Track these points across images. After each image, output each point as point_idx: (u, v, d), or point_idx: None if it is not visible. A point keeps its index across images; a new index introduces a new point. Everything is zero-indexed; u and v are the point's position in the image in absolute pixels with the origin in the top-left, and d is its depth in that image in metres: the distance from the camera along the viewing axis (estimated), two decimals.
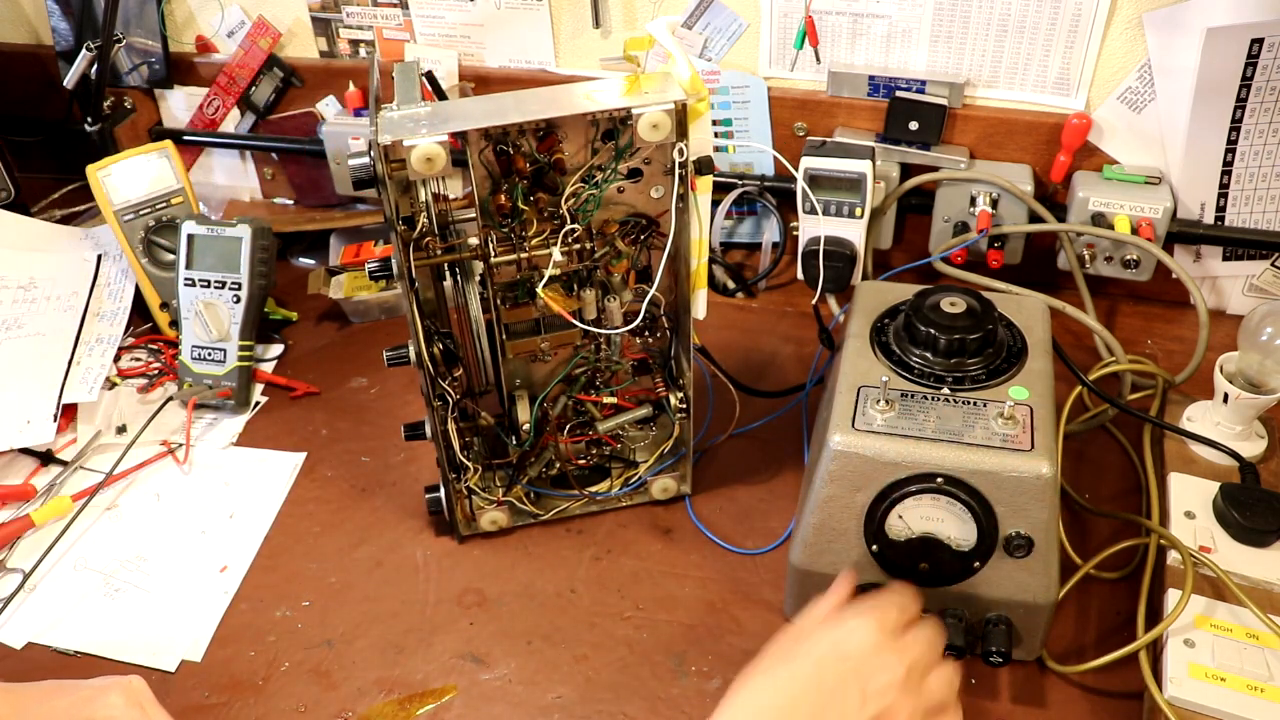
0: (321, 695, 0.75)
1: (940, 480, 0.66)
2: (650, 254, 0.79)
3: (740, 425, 0.94)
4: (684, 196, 0.73)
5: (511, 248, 0.74)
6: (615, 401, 0.85)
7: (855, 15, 1.03)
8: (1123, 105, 0.99)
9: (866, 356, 0.74)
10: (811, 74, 1.08)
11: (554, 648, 0.77)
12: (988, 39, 1.00)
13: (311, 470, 0.95)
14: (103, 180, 1.06)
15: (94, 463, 0.96)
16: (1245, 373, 0.82)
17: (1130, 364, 0.92)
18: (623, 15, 1.10)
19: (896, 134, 1.04)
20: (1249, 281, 1.05)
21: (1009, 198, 1.02)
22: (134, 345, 1.10)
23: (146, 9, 1.23)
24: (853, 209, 0.97)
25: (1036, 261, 1.06)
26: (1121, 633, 0.75)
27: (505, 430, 0.84)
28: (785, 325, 1.10)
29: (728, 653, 0.76)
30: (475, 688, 0.75)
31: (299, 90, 1.24)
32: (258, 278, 1.03)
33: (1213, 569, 0.72)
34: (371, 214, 1.23)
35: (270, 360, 1.08)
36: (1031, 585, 0.68)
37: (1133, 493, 0.87)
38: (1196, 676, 0.66)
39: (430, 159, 0.66)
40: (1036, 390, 0.70)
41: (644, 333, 0.83)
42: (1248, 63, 0.92)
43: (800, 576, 0.73)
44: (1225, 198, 1.00)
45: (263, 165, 1.31)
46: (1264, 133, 0.96)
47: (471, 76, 1.18)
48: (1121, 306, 1.08)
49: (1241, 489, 0.77)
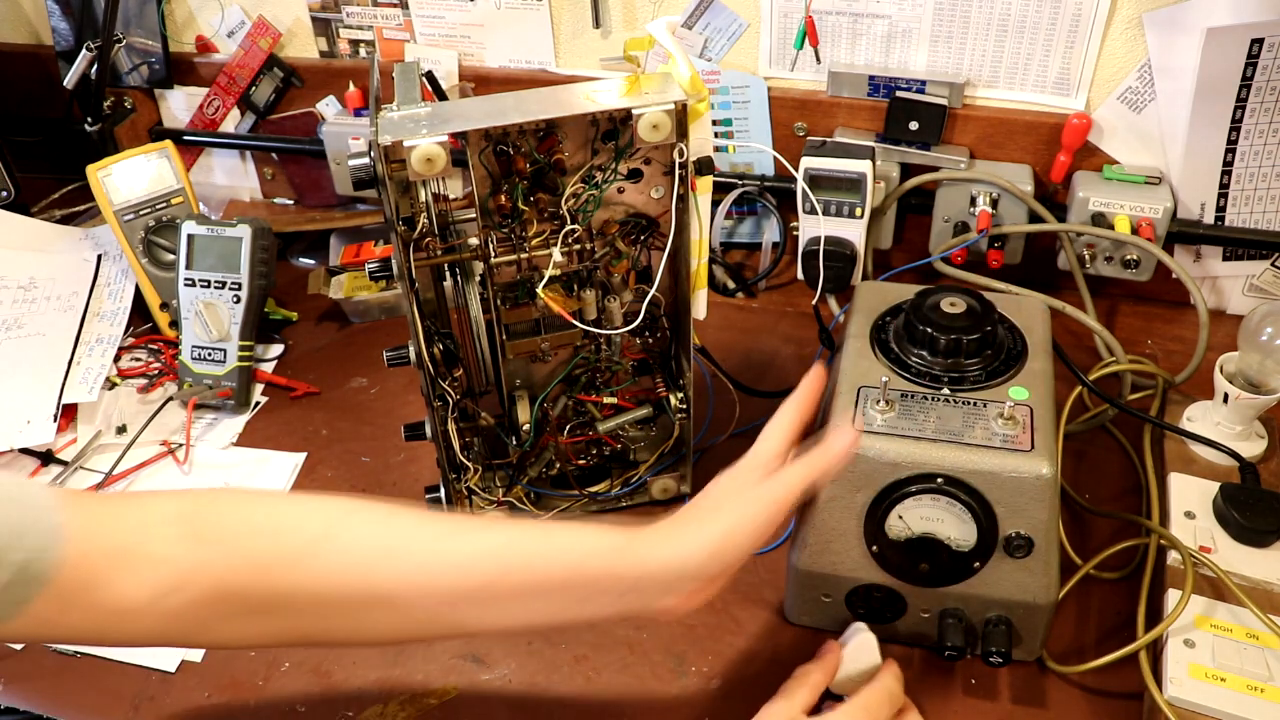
0: (321, 695, 0.75)
1: (940, 480, 0.66)
2: (650, 254, 0.79)
3: (740, 425, 0.94)
4: (684, 196, 0.73)
5: (511, 248, 0.74)
6: (615, 402, 0.85)
7: (855, 15, 1.03)
8: (1123, 105, 0.99)
9: (866, 357, 0.74)
10: (811, 74, 1.08)
11: (554, 648, 0.77)
12: (988, 39, 1.00)
13: (312, 470, 0.95)
14: (103, 180, 1.06)
15: (94, 463, 0.96)
16: (1245, 373, 0.82)
17: (1130, 364, 0.92)
18: (623, 15, 1.10)
19: (896, 134, 1.04)
20: (1249, 281, 1.05)
21: (1009, 198, 1.02)
22: (134, 345, 1.10)
23: (146, 9, 1.23)
24: (853, 209, 0.97)
25: (1036, 261, 1.06)
26: (1121, 633, 0.75)
27: (505, 430, 0.84)
28: (785, 325, 1.10)
29: (728, 653, 0.76)
30: (475, 688, 0.75)
31: (299, 90, 1.24)
32: (258, 278, 1.03)
33: (1213, 569, 0.72)
34: (371, 214, 1.23)
35: (270, 360, 1.08)
36: (1031, 585, 0.68)
37: (1133, 493, 0.87)
38: (1196, 676, 0.66)
39: (430, 159, 0.66)
40: (1036, 390, 0.70)
41: (644, 333, 0.83)
42: (1248, 63, 0.92)
43: (800, 577, 0.73)
44: (1225, 198, 1.00)
45: (263, 165, 1.31)
46: (1264, 133, 0.96)
47: (471, 76, 1.18)
48: (1121, 306, 1.08)
49: (1241, 489, 0.77)
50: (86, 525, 0.58)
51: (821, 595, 0.74)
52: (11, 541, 0.54)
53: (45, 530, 0.56)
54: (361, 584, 0.60)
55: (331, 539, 0.61)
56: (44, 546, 0.55)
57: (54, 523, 0.56)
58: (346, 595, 0.60)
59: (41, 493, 0.58)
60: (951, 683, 0.73)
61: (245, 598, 0.59)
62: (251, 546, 0.60)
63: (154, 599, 0.58)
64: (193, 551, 0.59)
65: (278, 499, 0.65)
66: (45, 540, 0.55)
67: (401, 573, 0.61)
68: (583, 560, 0.61)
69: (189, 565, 0.59)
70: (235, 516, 0.62)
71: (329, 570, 0.60)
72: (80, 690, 0.76)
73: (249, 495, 0.64)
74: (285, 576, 0.60)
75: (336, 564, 0.60)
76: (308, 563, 0.60)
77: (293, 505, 0.64)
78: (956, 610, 0.71)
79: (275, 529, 0.61)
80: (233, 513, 0.62)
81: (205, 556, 0.59)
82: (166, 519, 0.60)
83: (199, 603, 0.59)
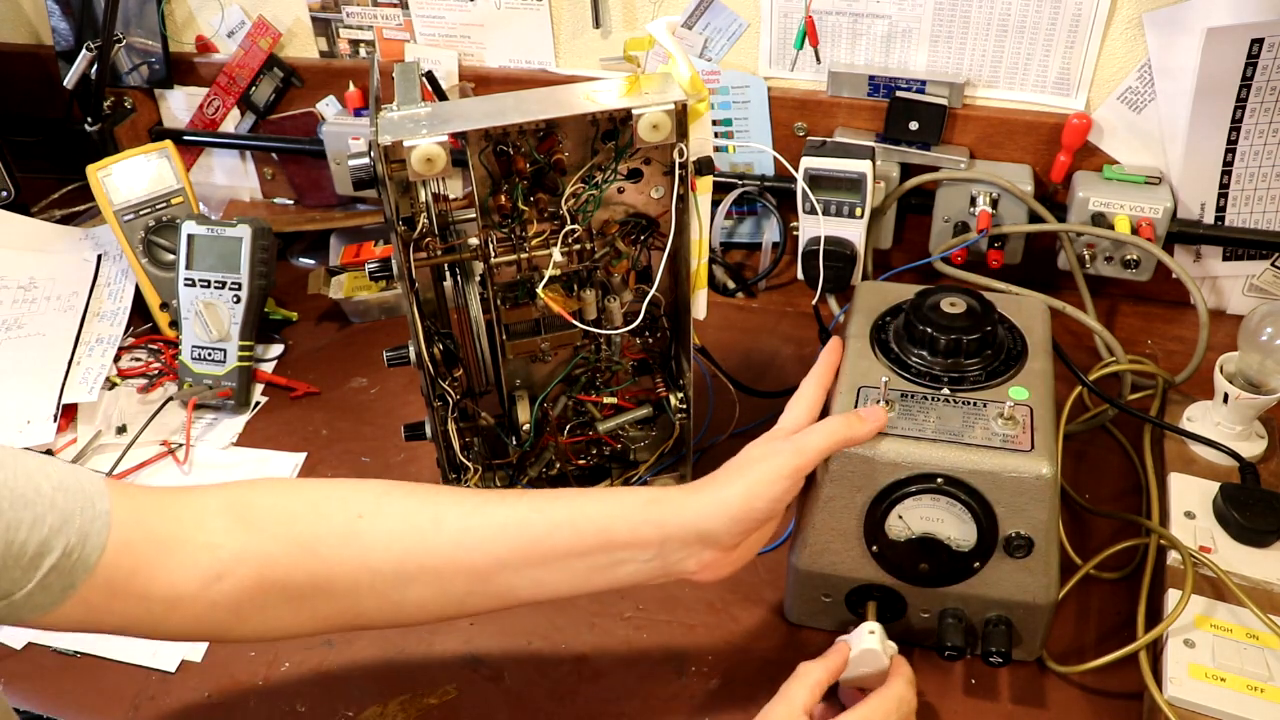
0: (321, 695, 0.75)
1: (940, 480, 0.66)
2: (650, 254, 0.79)
3: (740, 425, 0.94)
4: (684, 197, 0.73)
5: (511, 248, 0.74)
6: (615, 401, 0.85)
7: (855, 15, 1.03)
8: (1123, 105, 0.99)
9: (866, 357, 0.74)
10: (811, 74, 1.08)
11: (554, 648, 0.77)
12: (988, 39, 1.00)
13: (312, 470, 0.95)
14: (103, 180, 1.06)
15: (94, 463, 0.96)
16: (1245, 373, 0.82)
17: (1130, 364, 0.92)
18: (623, 15, 1.10)
19: (896, 134, 1.04)
20: (1249, 281, 1.05)
21: (1009, 198, 1.02)
22: (134, 345, 1.10)
23: (146, 9, 1.23)
24: (853, 209, 0.97)
25: (1036, 261, 1.06)
26: (1121, 633, 0.75)
27: (505, 430, 0.84)
28: (785, 325, 1.10)
29: (728, 653, 0.76)
30: (475, 688, 0.75)
31: (299, 90, 1.24)
32: (258, 278, 1.03)
33: (1213, 569, 0.72)
34: (371, 214, 1.23)
35: (270, 360, 1.08)
36: (1031, 585, 0.68)
37: (1133, 493, 0.87)
38: (1196, 677, 0.66)
39: (430, 159, 0.66)
40: (1036, 390, 0.70)
41: (644, 333, 0.83)
42: (1248, 63, 0.92)
43: (800, 577, 0.73)
44: (1225, 198, 1.00)
45: (263, 165, 1.31)
46: (1264, 133, 0.96)
47: (471, 76, 1.18)
48: (1121, 306, 1.08)
49: (1241, 489, 0.77)
50: (134, 513, 0.59)
51: (821, 595, 0.74)
52: (59, 524, 0.55)
53: (93, 516, 0.57)
54: (402, 557, 0.62)
55: (372, 516, 0.63)
56: (91, 531, 0.56)
57: (101, 509, 0.57)
58: (388, 570, 0.62)
59: (90, 479, 0.59)
60: (951, 683, 0.73)
61: (289, 582, 0.61)
62: (295, 529, 0.62)
63: (202, 586, 0.59)
64: (238, 538, 0.61)
65: (317, 484, 0.68)
66: (93, 525, 0.56)
67: (440, 543, 0.63)
68: (610, 523, 0.64)
69: (235, 550, 0.60)
70: (277, 503, 0.64)
71: (371, 546, 0.62)
72: (80, 690, 0.76)
73: (290, 483, 0.68)
74: (329, 555, 0.62)
75: (378, 539, 0.62)
76: (350, 541, 0.62)
77: (332, 489, 0.66)
78: (956, 610, 0.71)
79: (317, 512, 0.63)
80: (275, 500, 0.64)
81: (250, 542, 0.61)
82: (212, 510, 0.62)
83: (245, 589, 0.60)
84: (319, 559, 0.62)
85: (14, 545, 0.54)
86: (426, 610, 0.65)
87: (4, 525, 0.53)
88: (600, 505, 0.65)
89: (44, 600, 0.55)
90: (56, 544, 0.55)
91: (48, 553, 0.54)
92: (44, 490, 0.56)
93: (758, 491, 0.64)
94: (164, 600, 0.59)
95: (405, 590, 0.63)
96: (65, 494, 0.56)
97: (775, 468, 0.64)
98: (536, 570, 0.64)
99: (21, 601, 0.55)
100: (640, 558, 0.64)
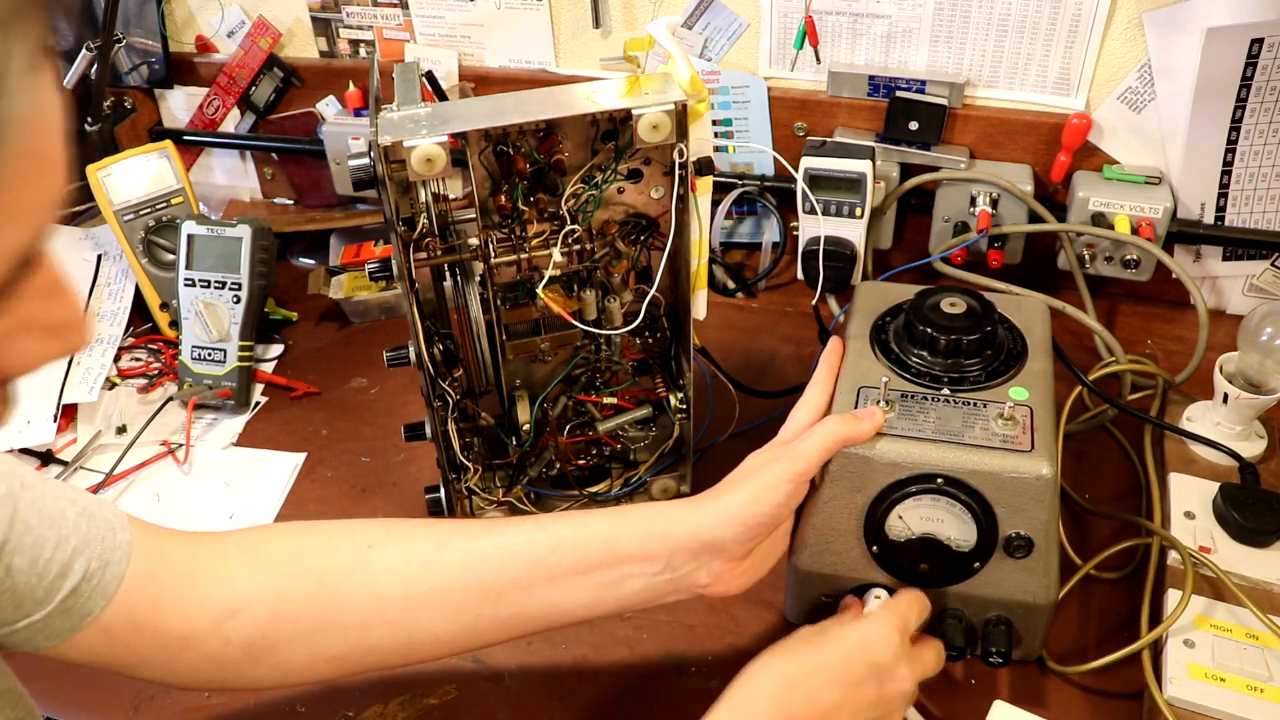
0: (321, 695, 0.75)
1: (940, 481, 0.66)
2: (650, 254, 0.79)
3: (740, 425, 0.94)
4: (684, 197, 0.73)
5: (511, 248, 0.74)
6: (615, 402, 0.85)
7: (855, 15, 1.03)
8: (1123, 105, 0.99)
9: (866, 357, 0.74)
10: (811, 74, 1.08)
11: (554, 648, 0.77)
12: (988, 39, 1.00)
13: (312, 470, 0.95)
14: (103, 180, 1.06)
15: (94, 463, 0.96)
16: (1245, 373, 0.82)
17: (1130, 364, 0.92)
18: (623, 15, 1.10)
19: (896, 134, 1.04)
20: (1249, 281, 1.05)
21: (1009, 198, 1.02)
22: (134, 345, 1.10)
23: (146, 9, 1.23)
24: (853, 209, 0.97)
25: (1036, 261, 1.06)
26: (1122, 633, 0.75)
27: (505, 431, 0.84)
28: (785, 325, 1.10)
29: (728, 653, 0.76)
30: (475, 688, 0.75)
31: (299, 90, 1.24)
32: (258, 278, 1.03)
33: (1213, 569, 0.72)
34: (371, 214, 1.23)
35: (270, 360, 1.08)
36: (1031, 586, 0.68)
37: (1133, 493, 0.87)
38: (1196, 677, 0.66)
39: (430, 160, 0.66)
40: (1036, 391, 0.70)
41: (644, 333, 0.83)
42: (1248, 63, 0.92)
43: (800, 577, 0.73)
44: (1225, 198, 1.00)
45: (263, 165, 1.31)
46: (1264, 133, 0.96)
47: (471, 76, 1.18)
48: (1121, 306, 1.08)
49: (1241, 489, 0.77)
50: (155, 546, 0.60)
51: (821, 595, 0.74)
52: (81, 546, 0.56)
53: (114, 544, 0.58)
54: (410, 581, 0.63)
55: (380, 545, 0.64)
56: (112, 560, 0.57)
57: (123, 539, 0.58)
58: (397, 594, 0.63)
59: (111, 510, 0.60)
60: (951, 683, 0.73)
61: (300, 615, 0.62)
62: (306, 562, 0.64)
63: (217, 623, 0.60)
64: (252, 574, 0.62)
65: (328, 524, 0.69)
66: (113, 554, 0.58)
67: (448, 563, 0.63)
68: (615, 536, 0.64)
69: (249, 586, 0.62)
70: (289, 541, 0.65)
71: (380, 572, 0.63)
72: (80, 690, 0.76)
73: (302, 524, 0.69)
74: (339, 585, 0.63)
75: (386, 565, 0.64)
76: (359, 569, 0.63)
77: (343, 526, 0.68)
78: (957, 610, 0.71)
79: (328, 545, 0.65)
80: (287, 538, 0.66)
81: (264, 578, 0.62)
82: (228, 549, 0.63)
83: (258, 627, 0.61)
84: (329, 589, 0.63)
85: (38, 563, 0.54)
86: (439, 640, 0.65)
87: (31, 541, 0.54)
88: (605, 521, 0.66)
89: (63, 626, 0.56)
90: (78, 565, 0.56)
91: (69, 574, 0.55)
92: (68, 514, 0.57)
93: (760, 497, 0.64)
94: (179, 637, 0.60)
95: (416, 618, 0.63)
96: (89, 520, 0.57)
97: (776, 473, 0.65)
98: (545, 589, 0.64)
99: (41, 625, 0.55)
100: (649, 571, 0.64)
